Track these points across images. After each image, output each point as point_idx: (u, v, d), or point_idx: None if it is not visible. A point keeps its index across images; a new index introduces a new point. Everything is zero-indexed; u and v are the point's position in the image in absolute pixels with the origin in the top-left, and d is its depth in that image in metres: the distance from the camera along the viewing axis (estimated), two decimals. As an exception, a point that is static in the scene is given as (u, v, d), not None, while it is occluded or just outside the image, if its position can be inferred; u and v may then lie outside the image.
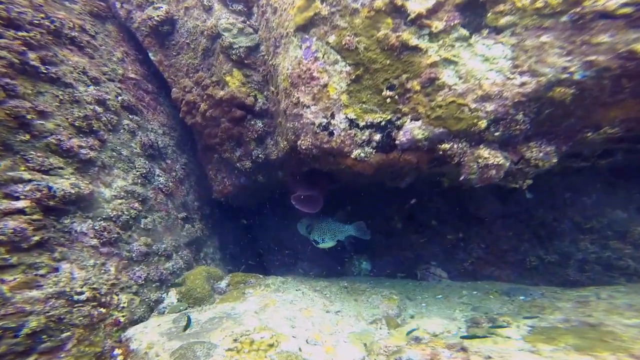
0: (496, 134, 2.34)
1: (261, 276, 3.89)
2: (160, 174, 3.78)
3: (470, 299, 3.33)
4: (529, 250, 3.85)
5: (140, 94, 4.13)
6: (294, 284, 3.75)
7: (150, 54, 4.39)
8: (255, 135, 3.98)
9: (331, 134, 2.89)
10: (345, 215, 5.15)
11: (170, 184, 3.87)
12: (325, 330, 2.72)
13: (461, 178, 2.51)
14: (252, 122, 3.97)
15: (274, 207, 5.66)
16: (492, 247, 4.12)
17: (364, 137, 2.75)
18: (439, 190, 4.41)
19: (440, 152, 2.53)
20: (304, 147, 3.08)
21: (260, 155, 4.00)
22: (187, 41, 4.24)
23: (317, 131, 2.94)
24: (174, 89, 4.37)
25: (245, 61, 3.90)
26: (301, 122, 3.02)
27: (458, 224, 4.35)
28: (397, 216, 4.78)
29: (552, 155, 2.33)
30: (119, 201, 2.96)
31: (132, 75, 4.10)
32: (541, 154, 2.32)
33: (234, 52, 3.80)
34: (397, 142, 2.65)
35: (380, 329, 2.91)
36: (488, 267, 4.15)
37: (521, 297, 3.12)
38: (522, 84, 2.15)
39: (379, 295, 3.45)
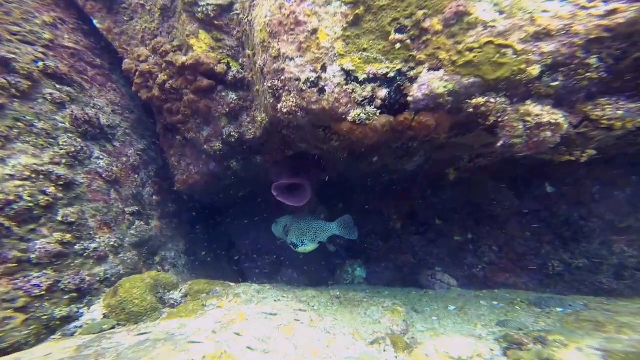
0: (552, 84, 1.73)
1: (231, 284, 3.09)
2: (102, 157, 2.97)
3: (491, 311, 2.65)
4: (550, 254, 3.24)
5: (81, 66, 3.35)
6: (273, 293, 2.97)
7: (94, 21, 3.65)
8: (227, 110, 3.26)
9: (321, 90, 2.22)
10: (327, 212, 4.41)
11: (116, 169, 3.06)
12: (311, 355, 1.95)
13: (499, 144, 1.87)
14: (223, 94, 3.26)
15: (253, 205, 4.87)
16: (506, 250, 3.50)
17: (364, 94, 2.09)
18: (443, 184, 3.79)
19: (470, 110, 1.90)
20: (285, 111, 2.39)
21: (232, 134, 3.27)
22: (141, 2, 3.53)
23: (303, 88, 2.26)
24: (125, 60, 3.62)
25: (215, 22, 3.22)
26: (282, 78, 2.34)
27: (466, 222, 3.72)
28: (395, 215, 4.11)
29: (636, 112, 1.73)
30: (17, 182, 2.13)
31: (69, 44, 3.33)
32: (619, 112, 1.72)
33: (199, 9, 3.12)
34: (409, 98, 2.00)
35: (385, 350, 2.17)
36: (501, 273, 3.51)
37: (558, 309, 2.47)
38: (609, 13, 1.56)
39: (379, 307, 2.72)
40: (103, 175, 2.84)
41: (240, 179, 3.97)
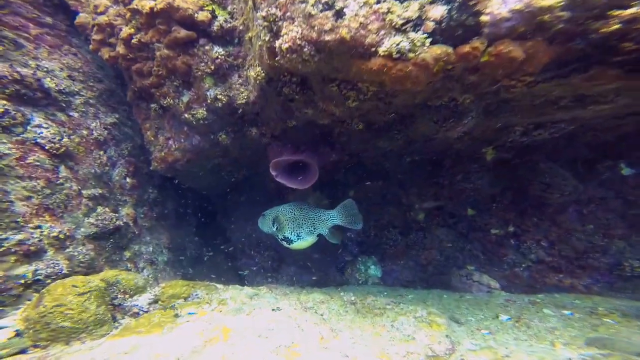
0: None
1: (219, 286, 2.44)
2: (47, 126, 2.31)
3: (566, 324, 1.99)
4: (624, 252, 2.56)
5: (18, 21, 2.67)
6: (271, 299, 2.31)
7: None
8: (212, 68, 2.59)
9: (340, 14, 1.53)
10: (327, 200, 3.71)
11: (68, 141, 2.40)
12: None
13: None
14: (207, 48, 2.58)
15: (250, 192, 4.21)
16: (561, 246, 2.83)
17: (408, 14, 1.41)
18: (478, 167, 3.11)
19: (603, 31, 1.21)
20: (287, 47, 1.71)
21: (220, 97, 2.59)
22: None
23: (313, 12, 1.57)
24: (80, 15, 2.94)
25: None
26: (281, 2, 1.66)
27: (507, 213, 3.05)
28: (418, 204, 3.44)
29: None
30: None
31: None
32: None
33: None
34: (484, 18, 1.31)
35: (427, 386, 1.51)
36: (553, 274, 2.84)
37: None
38: None
39: (410, 317, 2.06)
40: (46, 148, 2.17)
41: (233, 159, 3.30)
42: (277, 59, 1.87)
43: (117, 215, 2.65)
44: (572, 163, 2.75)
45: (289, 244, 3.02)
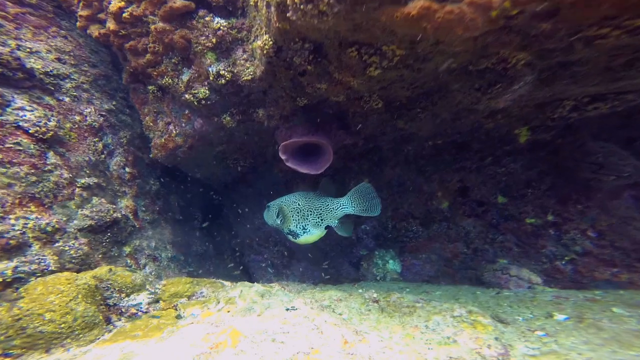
0: None
1: (226, 284, 2.19)
2: (31, 108, 2.07)
3: None
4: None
5: None
6: (284, 296, 2.06)
7: None
8: (214, 41, 2.32)
9: (366, -55, 1.25)
10: (334, 186, 3.36)
11: (55, 125, 2.17)
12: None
13: None
14: (207, 19, 2.32)
15: (258, 182, 3.96)
16: (613, 236, 2.50)
17: None
18: (510, 149, 2.78)
19: None
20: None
21: (223, 73, 2.33)
22: None
23: (333, -53, 1.29)
24: None
25: None
26: None
27: (545, 200, 2.73)
28: (440, 192, 3.13)
29: None
30: None
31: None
32: None
33: None
34: None
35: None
36: (605, 268, 2.52)
37: None
38: None
39: (446, 316, 1.78)
40: (30, 132, 1.95)
41: (239, 145, 3.04)
42: (288, 15, 1.59)
43: (114, 207, 2.42)
44: (630, 142, 2.41)
45: (295, 239, 2.73)
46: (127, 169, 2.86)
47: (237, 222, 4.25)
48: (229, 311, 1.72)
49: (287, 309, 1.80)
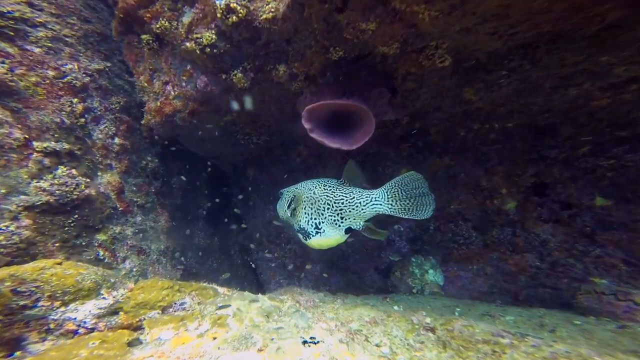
0: None
1: (221, 291, 1.61)
2: None
3: None
4: None
5: None
6: (299, 318, 1.45)
7: None
8: (226, -37, 1.73)
9: None
10: (363, 174, 2.52)
11: (7, 75, 1.66)
12: None
13: None
14: None
15: (272, 168, 3.38)
16: None
17: None
18: (628, 135, 2.02)
19: None
20: None
21: (235, 7, 1.74)
22: None
23: None
24: None
25: None
26: None
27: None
28: (506, 188, 2.42)
29: None
30: None
31: None
32: None
33: None
34: None
35: None
36: None
37: None
38: None
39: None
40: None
41: (253, 116, 2.45)
42: None
43: (89, 181, 1.89)
44: None
45: (306, 239, 2.06)
46: (116, 140, 2.35)
47: (247, 213, 3.69)
48: (215, 338, 1.13)
49: (305, 342, 1.18)
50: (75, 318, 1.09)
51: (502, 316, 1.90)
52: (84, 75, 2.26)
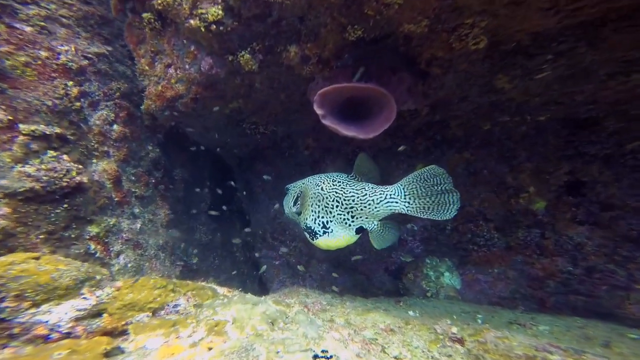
0: None
1: (220, 291, 1.45)
2: None
3: None
4: None
5: None
6: (307, 325, 1.27)
7: None
8: None
9: None
10: (375, 168, 2.25)
11: None
12: None
13: None
14: None
15: (279, 161, 3.22)
16: None
17: None
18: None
19: None
20: None
21: (242, -24, 1.56)
22: None
23: None
24: None
25: None
26: None
27: None
28: (534, 185, 2.21)
29: None
30: None
31: None
32: None
33: None
34: None
35: None
36: None
37: None
38: None
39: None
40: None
41: (260, 102, 2.28)
42: None
43: (82, 168, 1.75)
44: None
45: (313, 239, 1.91)
46: (115, 127, 2.21)
47: (251, 209, 3.53)
48: (210, 348, 0.96)
49: (316, 357, 1.00)
50: (47, 321, 0.93)
51: (535, 325, 1.71)
52: (81, 58, 2.12)
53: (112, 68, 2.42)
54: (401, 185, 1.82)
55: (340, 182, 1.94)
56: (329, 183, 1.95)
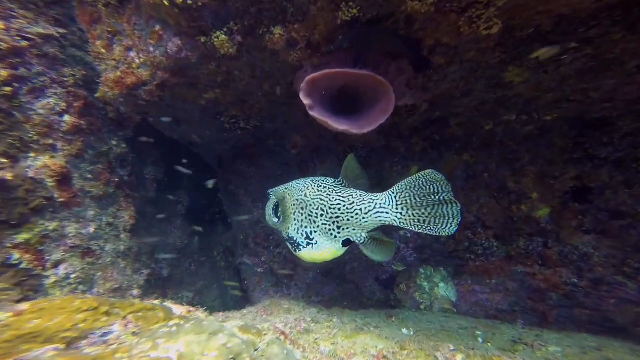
0: None
1: (177, 311, 1.18)
2: None
3: None
4: None
5: None
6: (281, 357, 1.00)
7: None
8: None
9: None
10: (364, 173, 1.96)
11: None
12: None
13: None
14: None
15: (263, 161, 2.96)
16: None
17: None
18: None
19: None
20: None
21: None
22: None
23: None
24: None
25: None
26: None
27: None
28: (539, 191, 2.05)
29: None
30: None
31: None
32: None
33: None
34: None
35: None
36: None
37: None
38: None
39: None
40: None
41: (240, 93, 2.02)
42: None
43: (6, 162, 1.44)
44: None
45: (296, 251, 1.71)
46: (67, 118, 1.90)
47: (231, 210, 3.25)
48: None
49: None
50: None
51: (543, 346, 1.52)
52: (18, 38, 1.80)
53: (66, 53, 2.10)
54: (392, 193, 1.57)
55: (325, 188, 1.71)
56: (313, 189, 1.72)
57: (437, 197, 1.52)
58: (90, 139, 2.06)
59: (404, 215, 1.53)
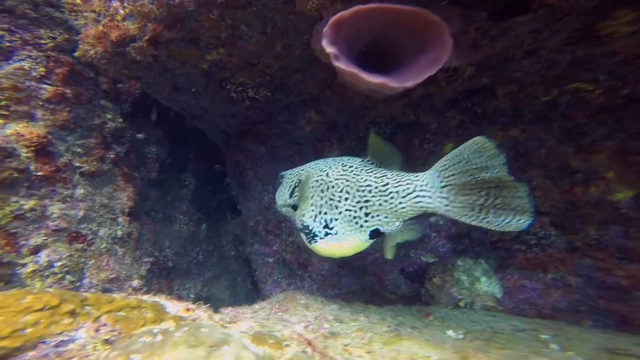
0: None
1: (172, 310, 0.89)
2: None
3: None
4: None
5: None
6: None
7: None
8: None
9: None
10: (394, 152, 1.59)
11: None
12: None
13: None
14: None
15: (275, 139, 2.66)
16: None
17: None
18: None
19: None
20: None
21: None
22: None
23: None
24: None
25: None
26: None
27: None
28: (617, 170, 1.66)
29: None
30: None
31: None
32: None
33: None
34: None
35: None
36: None
37: None
38: None
39: None
40: None
41: (248, 54, 1.70)
42: None
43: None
44: None
45: (310, 242, 1.43)
46: (47, 84, 1.63)
47: (241, 196, 2.98)
48: None
49: None
50: None
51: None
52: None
53: (40, 12, 1.82)
54: (435, 171, 1.23)
55: (352, 167, 1.40)
56: (337, 169, 1.42)
57: (493, 173, 1.17)
58: (79, 110, 1.80)
59: (452, 201, 1.19)
